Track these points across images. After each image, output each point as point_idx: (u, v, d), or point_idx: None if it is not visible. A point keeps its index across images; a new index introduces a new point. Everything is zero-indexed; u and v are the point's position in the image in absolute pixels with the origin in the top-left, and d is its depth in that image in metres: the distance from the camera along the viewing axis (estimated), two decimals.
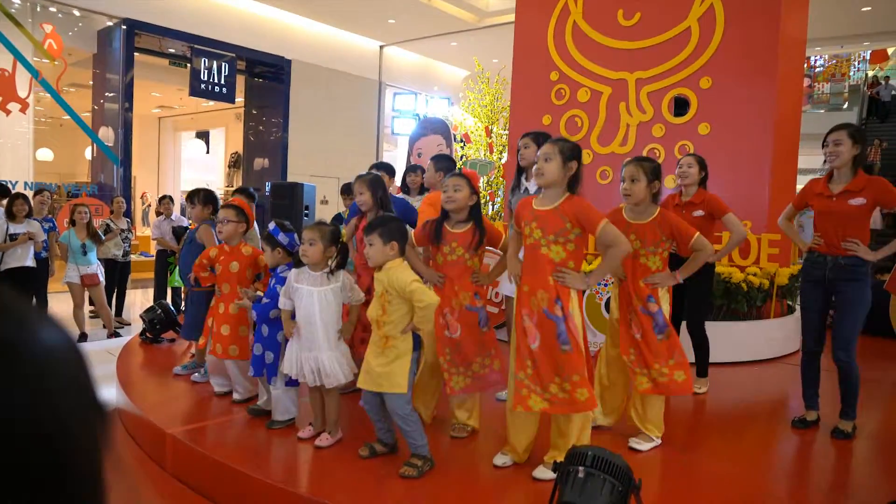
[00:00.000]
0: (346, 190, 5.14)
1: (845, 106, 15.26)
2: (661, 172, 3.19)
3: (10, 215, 5.85)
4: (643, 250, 3.12)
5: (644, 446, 3.10)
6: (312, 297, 3.00)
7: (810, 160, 10.24)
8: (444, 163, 4.35)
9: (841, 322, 3.32)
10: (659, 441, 3.15)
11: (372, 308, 2.82)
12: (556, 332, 2.66)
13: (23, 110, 10.08)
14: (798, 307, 5.60)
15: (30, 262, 5.92)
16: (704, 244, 3.06)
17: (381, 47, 15.16)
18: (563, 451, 2.70)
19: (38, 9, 10.28)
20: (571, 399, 2.65)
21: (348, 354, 3.10)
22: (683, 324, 4.13)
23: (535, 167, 2.80)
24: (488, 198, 10.63)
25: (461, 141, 10.50)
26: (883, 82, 14.07)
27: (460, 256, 3.11)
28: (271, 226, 3.35)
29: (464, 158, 9.78)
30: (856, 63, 15.82)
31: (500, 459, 2.84)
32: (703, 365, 4.17)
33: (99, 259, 6.35)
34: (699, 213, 3.99)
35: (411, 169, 5.09)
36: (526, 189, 3.84)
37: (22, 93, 9.97)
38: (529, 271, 2.76)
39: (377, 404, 2.84)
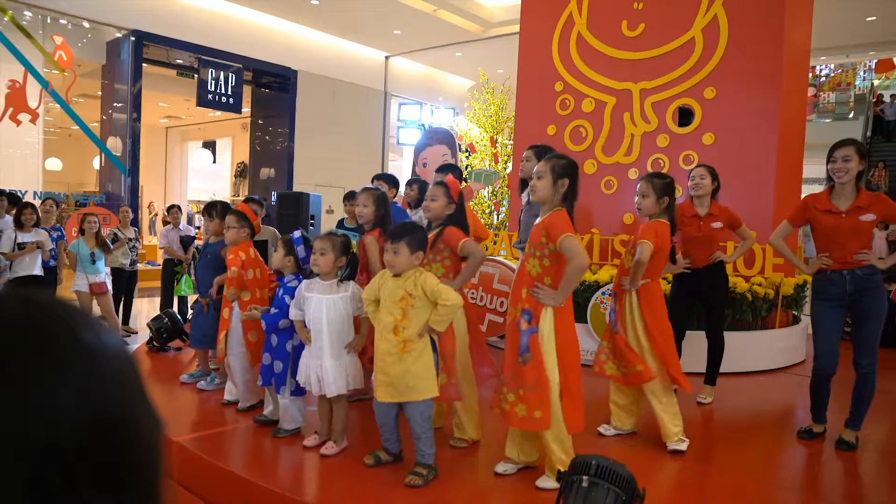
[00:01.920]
0: (349, 197, 5.16)
1: (851, 115, 15.22)
2: (673, 189, 3.36)
3: (19, 224, 5.91)
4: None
5: (682, 446, 3.19)
6: (321, 305, 3.04)
7: (815, 170, 10.21)
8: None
9: (864, 330, 3.30)
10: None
11: (385, 315, 2.78)
12: (518, 343, 2.71)
13: (33, 121, 10.18)
14: (804, 317, 5.61)
15: (37, 270, 5.97)
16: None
17: (387, 58, 15.26)
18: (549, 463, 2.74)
19: (49, 21, 10.40)
20: (511, 412, 2.69)
21: (357, 365, 3.11)
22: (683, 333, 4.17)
23: (530, 184, 2.86)
24: (493, 207, 10.66)
25: (466, 151, 10.54)
26: (888, 100, 13.92)
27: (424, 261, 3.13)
28: (296, 234, 3.38)
29: (469, 168, 9.82)
30: (861, 72, 15.81)
31: (502, 467, 2.85)
32: (713, 373, 4.17)
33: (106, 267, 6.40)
34: (718, 224, 4.02)
35: (408, 183, 5.10)
36: (527, 201, 3.90)
37: (32, 103, 10.08)
38: (514, 282, 2.86)
39: (393, 416, 2.85)
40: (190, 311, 5.85)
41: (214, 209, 4.25)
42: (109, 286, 6.35)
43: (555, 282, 2.71)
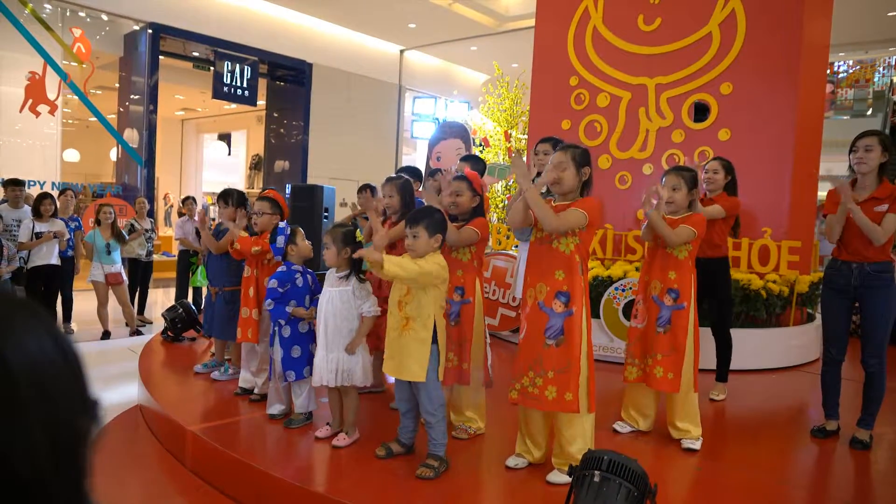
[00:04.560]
0: (363, 190, 5.17)
1: (869, 112, 15.00)
2: (698, 181, 3.37)
3: (37, 214, 5.99)
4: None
5: (696, 444, 3.20)
6: (326, 297, 3.10)
7: (833, 167, 10.11)
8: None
9: (871, 328, 3.28)
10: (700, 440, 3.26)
11: (394, 290, 2.83)
12: (546, 326, 2.70)
13: (51, 112, 10.29)
14: (818, 315, 5.56)
15: (54, 260, 6.06)
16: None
17: (402, 51, 15.25)
18: (559, 454, 2.76)
19: (68, 13, 10.50)
20: (540, 395, 2.69)
21: (366, 361, 3.11)
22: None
23: (549, 175, 2.80)
24: (507, 201, 10.62)
25: (480, 145, 10.52)
26: None
27: (446, 247, 3.16)
28: (282, 224, 3.49)
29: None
30: (881, 69, 15.57)
31: (513, 461, 2.87)
32: (723, 370, 4.14)
33: (123, 258, 6.48)
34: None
35: (431, 173, 5.10)
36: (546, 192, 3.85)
37: (51, 95, 10.19)
38: (534, 264, 2.82)
39: (410, 399, 2.87)
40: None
41: (231, 197, 4.26)
42: (125, 276, 6.43)
43: (584, 259, 2.75)
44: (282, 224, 3.52)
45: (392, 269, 2.62)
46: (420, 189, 4.74)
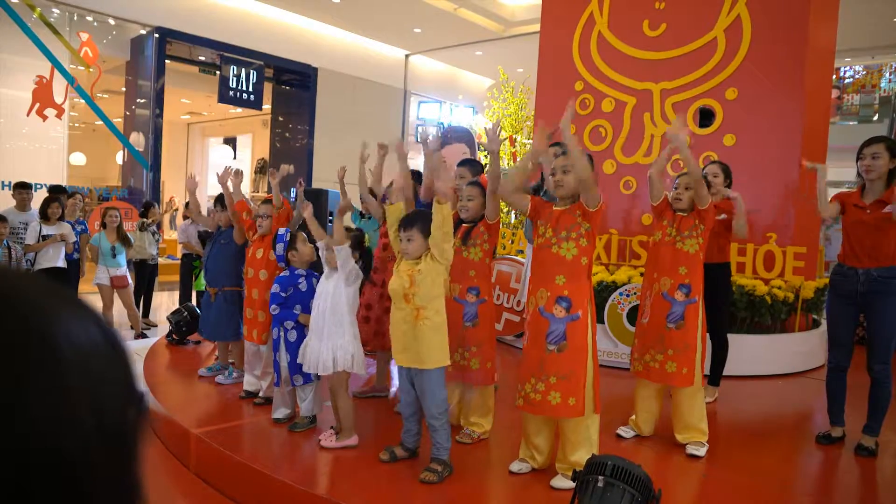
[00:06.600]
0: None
1: (875, 118, 14.96)
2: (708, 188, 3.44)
3: (45, 217, 6.03)
4: (678, 236, 3.32)
5: (701, 451, 3.17)
6: (321, 288, 3.12)
7: (840, 173, 10.06)
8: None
9: (878, 334, 3.26)
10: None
11: (395, 282, 2.80)
12: (547, 331, 2.69)
13: (59, 116, 10.34)
14: (823, 321, 5.54)
15: (61, 262, 6.09)
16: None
17: (407, 56, 15.28)
18: (563, 459, 2.76)
19: (76, 17, 10.56)
20: (543, 401, 2.67)
21: (355, 349, 3.07)
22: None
23: (553, 178, 2.81)
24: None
25: (485, 149, 10.52)
26: None
27: (456, 248, 3.15)
28: (281, 230, 3.50)
29: (487, 167, 9.80)
30: (887, 74, 15.53)
31: (517, 466, 2.86)
32: (717, 374, 4.13)
33: (129, 260, 6.51)
34: (722, 216, 4.00)
35: None
36: (545, 192, 3.87)
37: (58, 99, 10.24)
38: (535, 270, 2.82)
39: (414, 402, 2.87)
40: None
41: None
42: (130, 280, 6.46)
43: (588, 262, 2.74)
44: (281, 231, 3.53)
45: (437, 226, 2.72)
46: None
